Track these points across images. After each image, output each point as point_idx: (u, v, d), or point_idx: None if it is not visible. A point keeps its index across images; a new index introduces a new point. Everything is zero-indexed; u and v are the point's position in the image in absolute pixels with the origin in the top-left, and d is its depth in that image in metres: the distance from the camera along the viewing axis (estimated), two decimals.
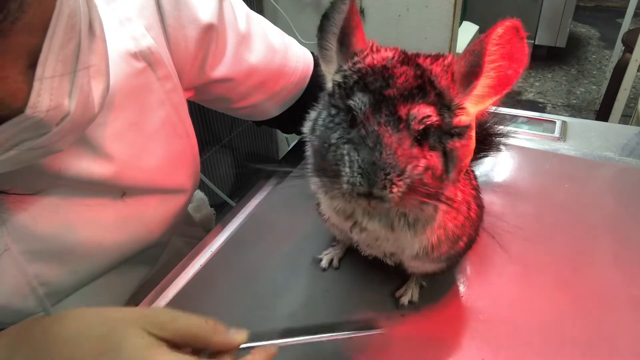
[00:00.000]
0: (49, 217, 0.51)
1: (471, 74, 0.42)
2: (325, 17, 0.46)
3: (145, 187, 0.60)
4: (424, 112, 0.40)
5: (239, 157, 2.12)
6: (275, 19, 1.88)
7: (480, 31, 2.29)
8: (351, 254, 0.67)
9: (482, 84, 0.42)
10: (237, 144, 2.10)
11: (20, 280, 0.51)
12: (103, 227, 0.56)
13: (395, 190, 0.39)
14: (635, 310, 0.58)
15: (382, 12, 1.73)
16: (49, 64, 0.37)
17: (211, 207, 1.00)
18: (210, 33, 0.64)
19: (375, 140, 0.39)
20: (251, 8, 0.73)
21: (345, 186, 0.40)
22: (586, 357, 0.53)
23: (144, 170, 0.59)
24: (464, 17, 2.26)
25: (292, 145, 1.00)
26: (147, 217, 0.61)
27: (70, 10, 0.38)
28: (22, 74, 0.36)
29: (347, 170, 0.40)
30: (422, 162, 0.41)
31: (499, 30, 0.40)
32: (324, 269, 0.66)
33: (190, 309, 0.49)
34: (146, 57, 0.56)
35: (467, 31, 2.24)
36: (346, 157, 0.40)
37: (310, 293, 0.63)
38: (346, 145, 0.41)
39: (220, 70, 0.68)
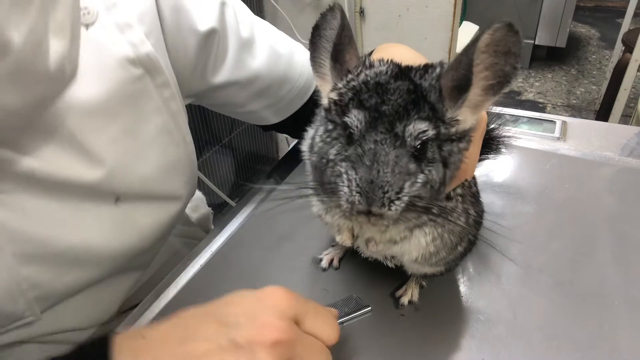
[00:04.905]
0: (44, 220, 0.51)
1: (460, 87, 0.42)
2: (316, 29, 0.46)
3: (138, 194, 0.59)
4: (419, 128, 0.40)
5: (239, 157, 2.13)
6: (275, 19, 1.88)
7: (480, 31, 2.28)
8: (351, 254, 0.67)
9: (476, 92, 0.42)
10: (237, 144, 2.10)
11: (10, 282, 0.50)
12: (96, 231, 0.56)
13: (393, 208, 0.40)
14: (635, 310, 0.58)
15: (382, 12, 1.74)
16: None
17: (210, 207, 1.00)
18: (211, 38, 0.64)
19: (373, 158, 0.39)
20: (251, 8, 0.73)
21: (344, 204, 0.40)
22: (586, 357, 0.53)
23: (138, 176, 0.58)
24: (464, 17, 2.26)
25: (291, 145, 1.00)
26: (141, 223, 0.61)
27: None
28: None
29: (346, 189, 0.40)
30: (421, 178, 0.41)
31: (486, 36, 0.39)
32: (324, 269, 0.66)
33: None
34: (144, 64, 0.55)
35: (467, 31, 2.24)
36: (344, 176, 0.40)
37: (309, 293, 0.63)
38: (344, 163, 0.41)
39: (222, 76, 0.68)
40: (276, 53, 0.72)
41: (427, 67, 0.44)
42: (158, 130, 0.59)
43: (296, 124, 0.80)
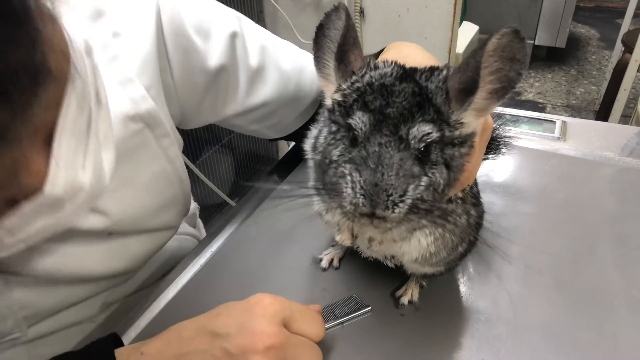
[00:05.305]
0: (42, 255, 0.51)
1: (467, 90, 0.42)
2: (320, 29, 0.46)
3: (133, 230, 0.59)
4: (423, 131, 0.40)
5: (238, 156, 2.12)
6: (275, 19, 1.88)
7: (480, 31, 2.29)
8: (351, 254, 0.67)
9: (482, 95, 0.42)
10: (237, 143, 2.10)
11: (1, 305, 0.50)
12: (89, 260, 0.56)
13: (397, 211, 0.40)
14: (635, 310, 0.58)
15: (382, 12, 1.74)
16: (64, 139, 0.36)
17: (210, 207, 0.99)
18: (220, 75, 0.64)
19: (377, 161, 0.39)
20: (251, 8, 0.73)
21: (348, 206, 0.40)
22: (586, 357, 0.53)
23: (134, 217, 0.58)
24: (464, 17, 2.26)
25: (291, 145, 1.00)
26: (132, 251, 0.61)
27: (81, 82, 0.37)
28: (40, 152, 0.35)
29: (350, 191, 0.40)
30: (424, 180, 0.41)
31: (494, 41, 0.39)
32: (324, 269, 0.66)
33: (191, 309, 0.49)
34: (144, 119, 0.54)
35: (467, 31, 2.24)
36: (348, 178, 0.40)
37: (310, 293, 0.63)
38: (348, 165, 0.41)
39: (234, 108, 0.68)
40: (286, 76, 0.71)
41: (432, 70, 0.44)
42: (155, 176, 0.59)
43: (297, 135, 0.81)
